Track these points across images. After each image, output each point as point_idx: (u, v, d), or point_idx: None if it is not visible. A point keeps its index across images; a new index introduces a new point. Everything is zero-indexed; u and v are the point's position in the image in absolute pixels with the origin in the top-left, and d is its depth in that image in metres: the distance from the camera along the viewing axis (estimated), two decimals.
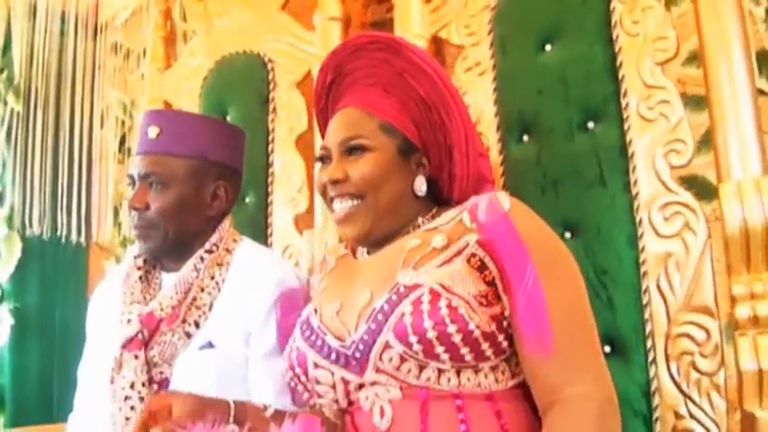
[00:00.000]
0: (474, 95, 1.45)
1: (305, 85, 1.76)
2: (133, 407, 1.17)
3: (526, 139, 1.37)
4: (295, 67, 1.78)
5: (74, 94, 2.81)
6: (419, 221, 1.04)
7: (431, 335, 0.84)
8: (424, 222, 1.04)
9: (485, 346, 0.86)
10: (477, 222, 0.95)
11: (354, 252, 1.12)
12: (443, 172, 1.05)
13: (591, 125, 1.29)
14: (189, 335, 1.22)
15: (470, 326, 0.85)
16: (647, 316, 1.17)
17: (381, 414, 0.89)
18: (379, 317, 0.89)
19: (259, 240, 1.50)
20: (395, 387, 0.89)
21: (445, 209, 1.04)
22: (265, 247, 1.64)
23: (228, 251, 1.30)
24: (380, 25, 2.00)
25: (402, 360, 0.87)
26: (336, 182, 1.02)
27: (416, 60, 1.03)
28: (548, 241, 0.94)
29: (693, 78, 1.50)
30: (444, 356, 0.85)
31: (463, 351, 0.85)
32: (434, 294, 0.87)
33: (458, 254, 0.93)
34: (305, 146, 1.73)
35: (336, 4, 1.71)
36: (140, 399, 1.17)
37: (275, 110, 1.80)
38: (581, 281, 0.93)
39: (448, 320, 0.84)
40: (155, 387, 1.20)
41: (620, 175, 1.24)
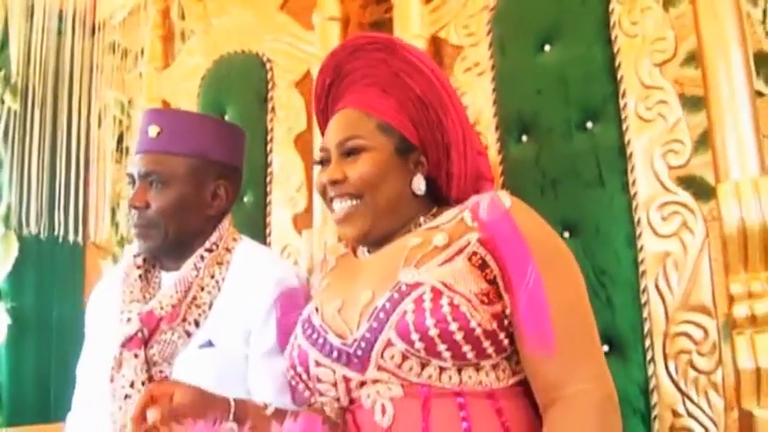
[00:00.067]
0: (473, 96, 1.45)
1: (304, 84, 1.76)
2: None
3: (525, 139, 1.37)
4: (294, 67, 1.79)
5: (71, 93, 2.80)
6: (420, 220, 1.04)
7: (433, 333, 0.85)
8: (425, 221, 1.04)
9: (486, 344, 0.87)
10: (478, 220, 0.95)
11: (355, 251, 1.12)
12: (442, 171, 1.06)
13: (590, 125, 1.29)
14: (189, 334, 1.22)
15: (472, 324, 0.86)
16: (645, 315, 1.18)
17: (383, 412, 0.89)
18: (381, 315, 0.89)
19: (257, 240, 1.50)
20: (396, 385, 0.89)
21: (446, 208, 1.05)
22: (264, 246, 1.64)
23: (228, 250, 1.31)
24: (379, 25, 2.00)
25: (404, 358, 0.88)
26: (335, 182, 1.03)
27: (413, 60, 1.03)
28: (548, 240, 0.95)
29: (691, 79, 1.50)
30: (446, 354, 0.86)
31: (465, 349, 0.86)
32: (436, 292, 0.87)
33: (459, 252, 0.93)
34: (304, 145, 1.74)
35: (335, 4, 1.71)
36: None
37: (274, 109, 1.81)
38: (581, 280, 0.94)
39: (450, 318, 0.85)
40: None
41: (618, 175, 1.24)
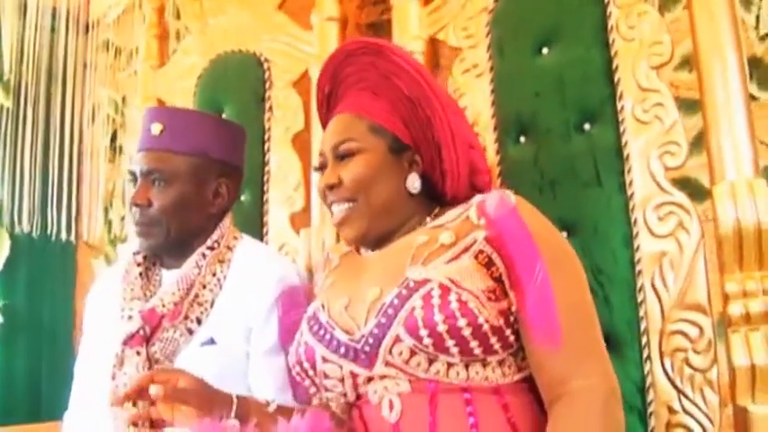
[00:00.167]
0: (471, 97, 1.47)
1: (302, 84, 1.77)
2: (135, 403, 1.17)
3: (523, 140, 1.39)
4: (292, 67, 1.79)
5: (64, 91, 2.79)
6: (426, 220, 1.06)
7: (441, 328, 0.86)
8: (430, 220, 1.06)
9: (493, 340, 0.88)
10: (486, 218, 0.96)
11: (359, 249, 1.14)
12: (436, 168, 1.07)
13: (587, 127, 1.31)
14: (191, 331, 1.23)
15: (480, 320, 0.87)
16: (641, 313, 1.19)
17: (390, 407, 0.90)
18: (390, 311, 0.91)
19: (254, 238, 1.50)
20: (404, 380, 0.91)
21: (448, 208, 1.06)
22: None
23: (230, 248, 1.32)
24: (377, 27, 2.01)
25: (412, 354, 0.89)
26: (332, 187, 1.05)
27: (398, 61, 1.06)
28: (554, 239, 0.97)
29: (685, 82, 1.53)
30: (454, 350, 0.87)
31: (472, 345, 0.87)
32: (444, 289, 0.89)
33: (465, 250, 0.95)
34: (301, 145, 1.74)
35: (334, 4, 1.72)
36: None
37: (271, 109, 1.81)
38: (585, 278, 0.96)
39: (458, 314, 0.86)
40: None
41: (615, 175, 1.26)
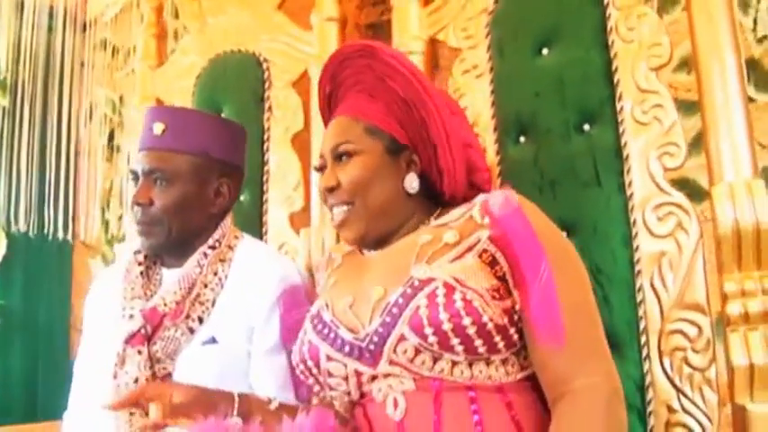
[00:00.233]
0: (472, 97, 1.48)
1: (301, 84, 1.77)
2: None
3: (523, 140, 1.40)
4: (291, 67, 1.80)
5: (61, 90, 2.79)
6: (429, 219, 1.07)
7: (446, 327, 0.87)
8: (433, 219, 1.07)
9: (497, 338, 0.89)
10: (490, 217, 0.97)
11: (361, 249, 1.14)
12: (433, 168, 1.08)
13: (587, 127, 1.32)
14: (192, 330, 1.23)
15: (484, 318, 0.88)
16: (641, 313, 1.20)
17: (395, 405, 0.91)
18: (394, 310, 0.91)
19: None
20: (408, 379, 0.91)
21: (451, 208, 1.07)
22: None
23: (231, 247, 1.32)
24: (377, 27, 2.02)
25: (417, 352, 0.89)
26: (331, 190, 1.07)
27: (391, 62, 1.06)
28: (556, 238, 0.98)
29: (683, 84, 1.55)
30: (459, 348, 0.88)
31: (477, 343, 0.88)
32: (449, 288, 0.89)
33: (469, 249, 0.96)
34: (301, 145, 1.75)
35: (334, 4, 1.73)
36: None
37: (270, 108, 1.81)
38: (587, 278, 0.97)
39: (463, 313, 0.87)
40: (158, 382, 1.21)
41: (615, 176, 1.27)
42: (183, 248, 1.29)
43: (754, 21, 1.55)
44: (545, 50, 1.39)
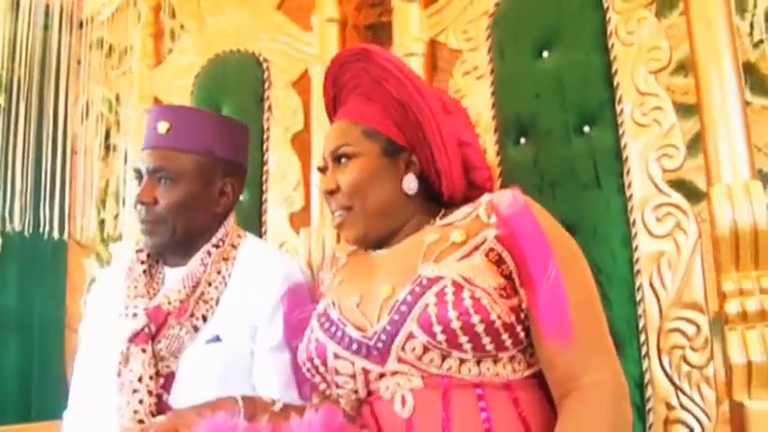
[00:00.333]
0: (472, 98, 1.49)
1: (301, 84, 1.78)
2: (141, 400, 1.18)
3: (523, 141, 1.41)
4: (291, 67, 1.80)
5: (57, 88, 2.77)
6: (435, 219, 1.08)
7: (455, 325, 0.88)
8: (439, 219, 1.08)
9: (505, 336, 0.91)
10: (497, 216, 0.99)
11: (365, 248, 1.15)
12: (431, 168, 1.09)
13: (587, 129, 1.33)
14: (196, 328, 1.23)
15: (492, 316, 0.89)
16: (640, 312, 1.22)
17: (403, 402, 0.92)
18: (403, 308, 0.92)
19: None
20: (416, 376, 0.92)
21: (454, 208, 1.08)
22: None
23: (234, 246, 1.33)
24: (376, 29, 2.03)
25: (425, 350, 0.90)
26: (331, 193, 1.09)
27: (385, 65, 1.08)
28: (562, 237, 0.99)
29: (680, 87, 1.57)
30: (467, 346, 0.89)
31: (485, 341, 0.89)
32: (457, 286, 0.91)
33: (476, 248, 0.97)
34: (301, 145, 1.75)
35: (334, 5, 1.73)
36: (148, 392, 1.18)
37: (270, 108, 1.82)
38: (591, 275, 0.98)
39: (472, 311, 0.88)
40: (161, 380, 1.21)
41: (614, 177, 1.28)
42: (187, 247, 1.29)
43: (751, 25, 1.57)
44: (545, 53, 1.41)
